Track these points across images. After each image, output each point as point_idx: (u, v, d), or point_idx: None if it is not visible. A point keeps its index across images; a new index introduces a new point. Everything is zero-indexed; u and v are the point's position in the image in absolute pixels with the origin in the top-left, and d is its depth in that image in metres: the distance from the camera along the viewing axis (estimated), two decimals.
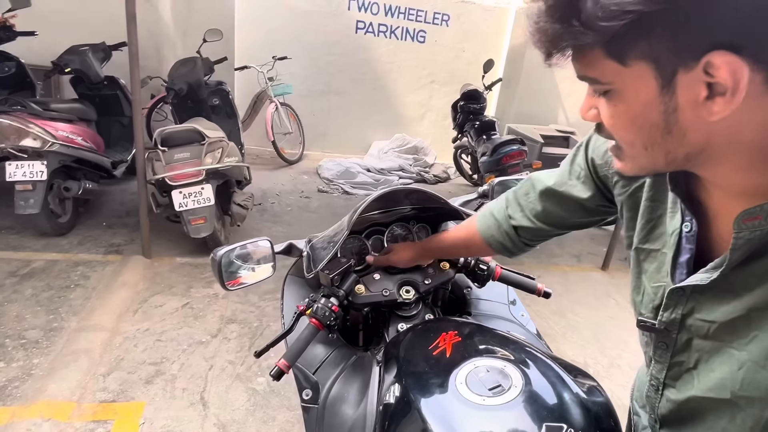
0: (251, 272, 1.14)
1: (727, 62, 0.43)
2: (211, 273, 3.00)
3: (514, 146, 3.80)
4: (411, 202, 1.29)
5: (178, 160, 2.87)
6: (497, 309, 1.29)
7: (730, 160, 0.52)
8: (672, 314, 0.66)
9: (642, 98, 0.49)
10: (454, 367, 0.84)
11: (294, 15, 5.58)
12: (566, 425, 0.73)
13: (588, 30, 0.46)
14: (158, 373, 2.16)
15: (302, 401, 1.08)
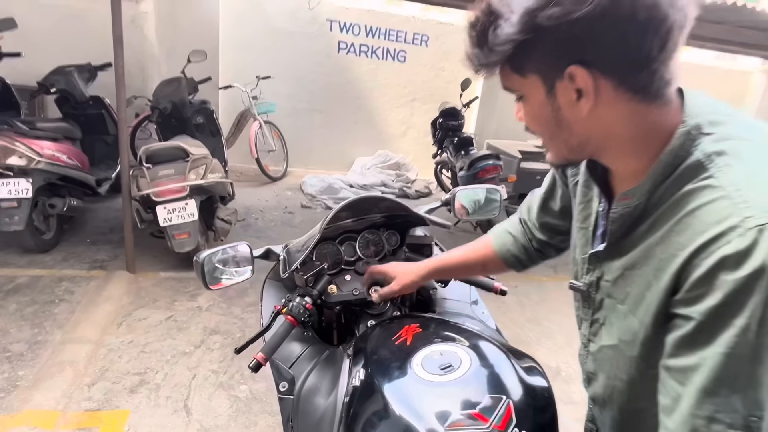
0: (232, 274, 1.24)
1: (581, 74, 0.60)
2: (194, 287, 3.09)
3: (489, 161, 3.96)
4: (380, 210, 1.41)
5: (162, 177, 2.97)
6: (460, 307, 1.40)
7: (612, 149, 0.68)
8: (591, 277, 0.80)
9: (538, 101, 0.66)
10: (413, 353, 0.96)
11: (277, 36, 5.75)
12: (505, 396, 0.85)
13: (491, 53, 0.64)
14: (142, 383, 2.23)
15: (279, 393, 1.18)
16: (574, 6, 0.56)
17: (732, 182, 0.57)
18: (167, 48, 5.20)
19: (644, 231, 0.68)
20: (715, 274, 0.56)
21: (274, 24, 5.71)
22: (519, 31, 0.59)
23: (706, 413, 0.58)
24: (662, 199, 0.65)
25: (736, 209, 0.56)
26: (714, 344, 0.57)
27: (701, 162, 0.61)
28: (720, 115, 0.64)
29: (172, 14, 5.17)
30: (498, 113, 6.60)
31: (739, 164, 0.59)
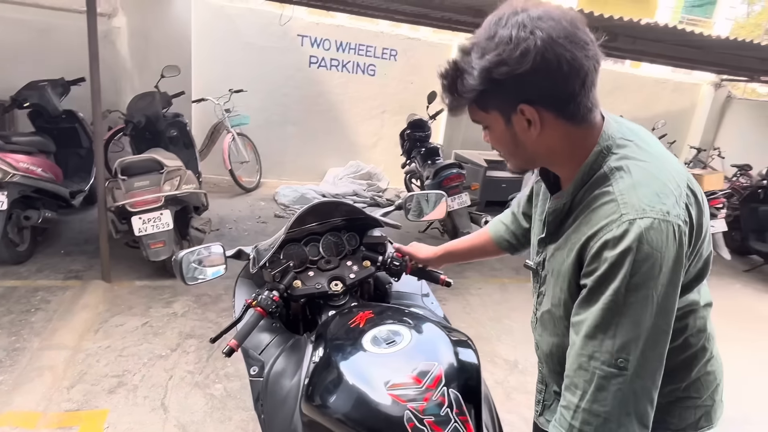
0: (207, 272, 1.39)
1: (528, 110, 0.82)
2: (169, 294, 3.20)
3: (453, 170, 4.19)
4: (341, 213, 1.59)
5: (138, 188, 3.08)
6: (413, 299, 1.59)
7: (555, 161, 0.92)
8: (539, 258, 1.05)
9: (499, 129, 0.88)
10: (364, 333, 1.14)
11: (250, 50, 5.91)
12: (437, 362, 1.03)
13: (460, 98, 0.86)
14: (120, 384, 2.33)
15: (250, 376, 1.33)
16: (517, 65, 0.78)
17: (620, 190, 0.82)
18: (140, 62, 5.29)
19: (568, 224, 0.92)
20: (601, 252, 0.80)
21: (246, 39, 5.87)
22: (479, 83, 0.81)
23: (587, 353, 0.81)
24: (581, 201, 0.89)
25: (618, 208, 0.80)
26: (596, 302, 0.80)
27: (606, 174, 0.85)
28: (625, 139, 0.88)
29: (145, 29, 5.27)
30: (464, 124, 6.87)
31: (629, 177, 0.83)
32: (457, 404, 0.97)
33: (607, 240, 0.79)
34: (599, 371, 0.79)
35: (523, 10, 0.80)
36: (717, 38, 3.71)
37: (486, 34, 0.82)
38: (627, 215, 0.78)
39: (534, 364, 3.10)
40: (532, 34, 0.77)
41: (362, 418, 0.97)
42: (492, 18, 0.83)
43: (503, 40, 0.79)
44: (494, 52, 0.79)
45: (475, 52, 0.82)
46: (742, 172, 6.03)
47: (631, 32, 3.70)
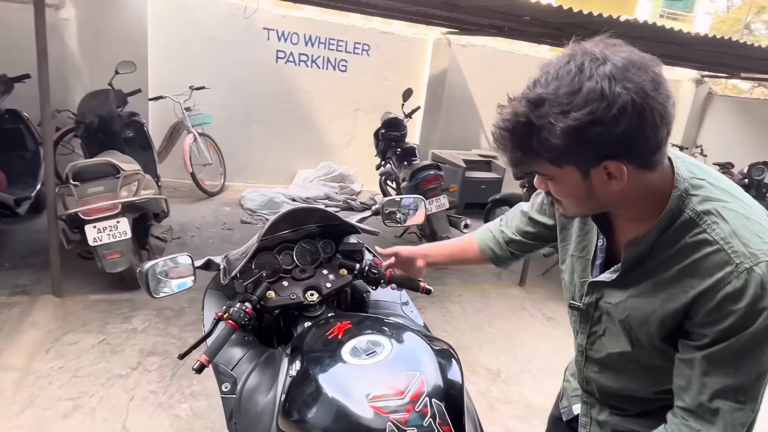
0: (174, 283, 1.40)
1: (614, 165, 0.81)
2: (127, 308, 3.16)
3: (430, 171, 4.26)
4: (315, 220, 1.62)
5: (92, 194, 3.03)
6: (392, 308, 1.62)
7: (627, 206, 0.92)
8: (590, 299, 1.07)
9: (573, 183, 0.86)
10: (343, 344, 1.17)
11: (211, 45, 5.87)
12: (419, 372, 1.07)
13: (535, 156, 0.84)
14: (77, 407, 2.30)
15: (222, 393, 1.35)
16: (613, 125, 0.76)
17: (723, 238, 0.84)
18: (90, 58, 5.20)
19: (651, 269, 0.93)
20: (723, 305, 0.82)
21: (207, 32, 5.83)
22: (564, 142, 0.78)
23: (709, 391, 0.86)
24: (664, 246, 0.91)
25: (730, 258, 0.82)
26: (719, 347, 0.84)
27: (693, 219, 0.87)
28: (697, 178, 0.90)
29: (96, 22, 5.18)
30: (442, 123, 6.99)
31: (724, 223, 0.85)
32: (441, 415, 1.01)
33: (728, 293, 0.82)
34: (724, 407, 0.86)
35: (605, 58, 0.77)
36: (697, 35, 3.88)
37: (568, 88, 0.77)
38: (742, 264, 0.81)
39: (516, 372, 3.17)
40: (626, 89, 0.75)
41: (343, 431, 1.01)
42: (567, 66, 0.79)
43: (593, 96, 0.75)
44: (585, 110, 0.75)
45: (554, 106, 0.77)
46: (725, 170, 6.29)
47: (611, 29, 3.83)
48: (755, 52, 4.41)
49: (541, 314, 3.86)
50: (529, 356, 3.25)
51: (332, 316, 1.44)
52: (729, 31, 19.08)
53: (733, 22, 21.00)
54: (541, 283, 4.50)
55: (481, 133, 7.39)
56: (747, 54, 4.60)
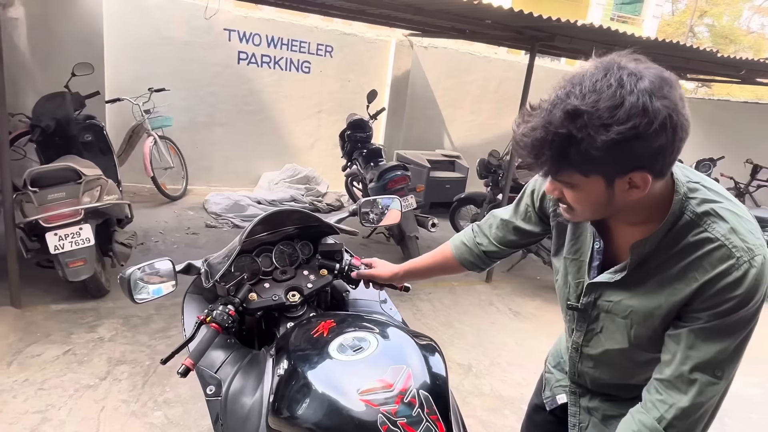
0: (156, 288, 1.40)
1: (641, 177, 0.85)
2: (92, 317, 3.09)
3: (398, 172, 4.32)
4: (293, 222, 1.65)
5: (52, 201, 2.94)
6: (371, 306, 1.67)
7: (634, 212, 0.98)
8: (589, 299, 1.13)
9: (596, 191, 0.90)
10: (330, 342, 1.20)
11: (170, 45, 5.75)
12: (406, 366, 1.12)
13: (569, 166, 0.86)
14: (44, 420, 2.24)
15: (206, 396, 1.36)
16: (654, 140, 0.80)
17: (723, 235, 0.92)
18: (42, 59, 5.02)
19: (654, 268, 1.00)
20: (724, 293, 0.91)
21: (166, 33, 5.72)
22: (605, 155, 0.80)
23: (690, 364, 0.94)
24: (667, 246, 0.97)
25: (731, 252, 0.90)
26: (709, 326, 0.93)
27: (693, 220, 0.94)
28: (692, 182, 0.97)
29: (48, 21, 5.00)
30: (405, 124, 7.07)
31: (722, 222, 0.93)
32: (428, 405, 1.07)
33: (729, 282, 0.90)
34: (701, 379, 0.94)
35: (641, 74, 0.80)
36: (646, 39, 4.09)
37: (609, 102, 0.79)
38: (742, 257, 0.89)
39: (487, 366, 3.26)
40: (664, 105, 0.79)
41: (335, 425, 1.04)
42: (605, 79, 0.80)
43: (636, 111, 0.78)
44: (628, 125, 0.78)
45: (594, 119, 0.79)
46: None
47: (567, 32, 4.00)
48: (700, 55, 4.68)
49: (508, 309, 3.98)
50: (498, 350, 3.35)
51: (314, 316, 1.47)
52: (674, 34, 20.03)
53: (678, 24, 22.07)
54: (507, 279, 4.64)
55: (444, 134, 7.52)
56: (692, 57, 4.87)
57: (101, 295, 3.35)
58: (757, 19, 25.35)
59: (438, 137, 7.50)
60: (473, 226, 1.45)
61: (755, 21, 25.52)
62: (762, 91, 15.19)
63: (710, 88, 14.52)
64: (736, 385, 3.09)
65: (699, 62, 5.26)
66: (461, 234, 1.48)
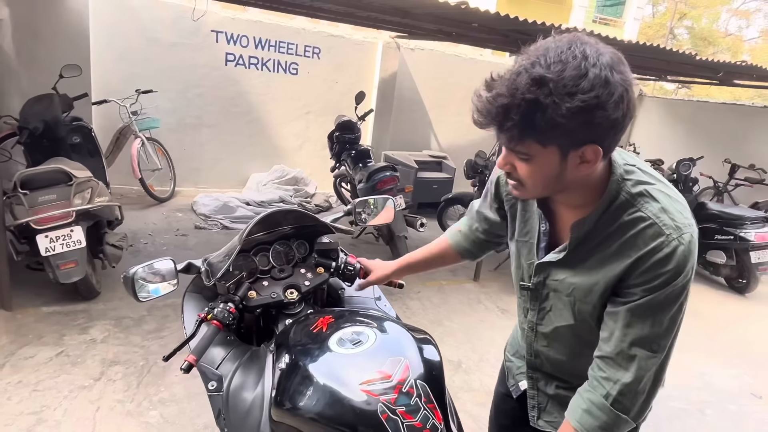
0: (158, 287, 1.43)
1: (593, 149, 0.90)
2: (84, 319, 3.10)
3: (387, 172, 4.38)
4: (289, 222, 1.69)
5: (43, 203, 2.94)
6: (366, 303, 1.72)
7: (576, 192, 1.03)
8: (539, 278, 1.19)
9: (550, 164, 0.93)
10: (329, 336, 1.25)
11: (157, 47, 5.74)
12: (403, 357, 1.17)
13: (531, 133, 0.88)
14: (40, 421, 2.25)
15: (208, 391, 1.39)
16: (613, 111, 0.84)
17: (654, 214, 0.98)
18: (27, 61, 4.98)
19: (593, 247, 1.05)
20: (655, 268, 0.97)
21: (153, 34, 5.70)
22: (569, 122, 0.83)
23: (629, 340, 1.01)
24: (604, 225, 1.03)
25: (661, 230, 0.96)
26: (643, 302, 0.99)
27: (629, 200, 1.00)
28: (628, 164, 1.03)
29: (33, 23, 4.97)
30: (393, 125, 7.13)
31: (655, 202, 0.99)
32: (425, 394, 1.12)
33: (659, 258, 0.96)
34: (640, 354, 1.01)
35: (601, 52, 0.85)
36: (628, 42, 4.20)
37: (575, 71, 0.82)
38: (671, 235, 0.95)
39: (476, 362, 3.32)
40: (621, 80, 0.84)
41: (338, 414, 1.09)
42: (569, 51, 0.84)
43: (599, 82, 0.82)
44: (591, 93, 0.82)
45: (560, 87, 0.82)
46: (655, 166, 6.78)
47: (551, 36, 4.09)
48: (680, 58, 4.82)
49: (495, 307, 4.06)
50: (487, 346, 3.42)
51: (312, 312, 1.52)
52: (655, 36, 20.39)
53: (658, 27, 22.47)
54: (494, 277, 4.72)
55: (431, 135, 7.60)
56: (673, 59, 5.01)
57: (92, 297, 3.35)
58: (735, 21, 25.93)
59: (425, 138, 7.58)
60: (464, 218, 1.52)
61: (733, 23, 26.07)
62: (740, 92, 15.55)
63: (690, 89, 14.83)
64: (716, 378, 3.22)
65: (679, 64, 5.40)
66: (455, 225, 1.53)
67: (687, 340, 3.99)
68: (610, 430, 1.03)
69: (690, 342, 3.99)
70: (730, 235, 5.09)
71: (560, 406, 1.30)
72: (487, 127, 0.92)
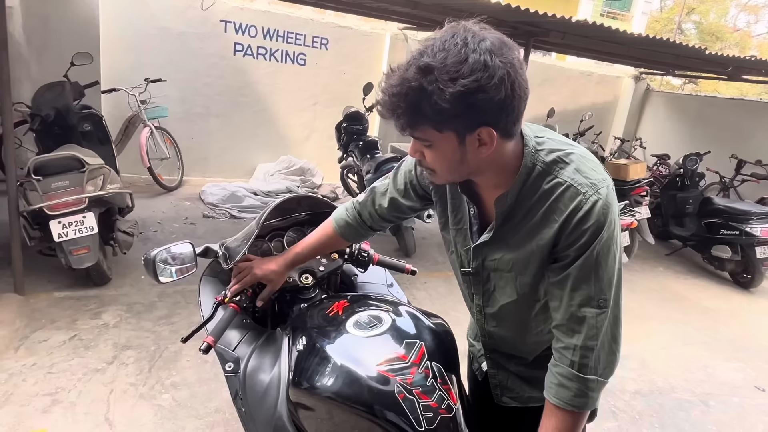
0: (178, 269, 1.46)
1: (488, 131, 0.93)
2: (96, 304, 3.14)
3: (394, 164, 4.37)
4: (304, 208, 1.72)
5: (56, 189, 2.97)
6: (378, 289, 1.74)
7: (491, 172, 1.06)
8: (477, 262, 1.21)
9: (449, 148, 0.97)
10: (346, 319, 1.28)
11: (166, 36, 5.75)
12: (419, 340, 1.20)
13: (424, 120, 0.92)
14: (55, 402, 2.29)
15: (225, 372, 1.42)
16: (495, 93, 0.87)
17: (570, 177, 1.02)
18: (38, 48, 5.00)
19: (519, 220, 1.08)
20: (578, 227, 1.00)
21: (162, 23, 5.71)
22: (453, 106, 0.87)
23: (576, 302, 1.04)
24: (526, 197, 1.06)
25: (578, 190, 1.00)
26: (579, 263, 1.02)
27: (545, 169, 1.04)
28: (538, 136, 1.06)
29: (43, 10, 4.98)
30: None
31: (568, 166, 1.03)
32: (440, 375, 1.15)
33: (581, 216, 1.00)
34: (588, 314, 1.03)
35: (483, 36, 0.89)
36: (638, 36, 4.19)
37: (455, 58, 0.86)
38: (587, 193, 1.00)
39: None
40: (502, 63, 0.87)
41: (355, 394, 1.11)
42: (452, 39, 0.88)
43: (478, 66, 0.86)
44: (471, 78, 0.85)
45: (443, 74, 0.86)
46: (662, 161, 6.77)
47: (561, 28, 4.09)
48: (689, 52, 4.80)
49: None
50: None
51: (327, 297, 1.55)
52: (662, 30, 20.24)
53: (666, 21, 22.29)
54: None
55: None
56: (682, 53, 4.99)
57: (104, 282, 3.39)
58: (743, 16, 25.69)
59: None
60: (353, 202, 1.47)
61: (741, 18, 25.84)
62: (747, 88, 15.45)
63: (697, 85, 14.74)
64: (720, 370, 3.25)
65: (687, 59, 5.38)
66: (341, 211, 1.48)
67: (691, 333, 4.03)
68: (585, 394, 1.05)
69: (694, 335, 4.02)
70: (735, 230, 5.09)
71: (521, 382, 1.33)
72: (388, 118, 0.96)
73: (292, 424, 1.24)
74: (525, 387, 1.34)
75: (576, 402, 1.05)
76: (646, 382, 3.20)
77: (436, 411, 1.09)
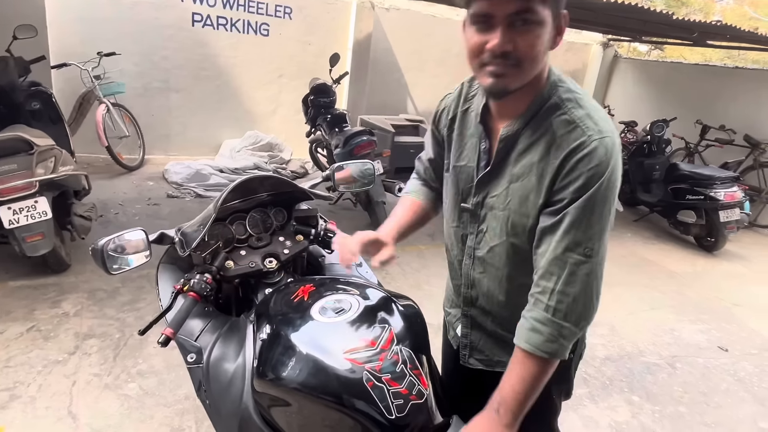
0: (130, 259, 1.37)
1: (564, 16, 1.00)
2: (55, 293, 3.01)
3: (363, 137, 4.30)
4: (266, 188, 1.63)
5: (3, 173, 2.79)
6: (346, 270, 1.69)
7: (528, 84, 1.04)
8: (478, 198, 1.19)
9: (546, 30, 0.98)
10: (311, 305, 1.22)
11: (118, 6, 5.44)
12: (388, 325, 1.16)
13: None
14: (13, 398, 2.19)
15: (187, 363, 1.36)
16: None
17: (580, 118, 1.02)
18: None
19: (521, 151, 1.08)
20: (577, 167, 1.00)
21: None
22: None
23: (562, 246, 1.03)
24: (533, 129, 1.06)
25: (584, 132, 1.01)
26: (573, 206, 1.01)
27: (558, 104, 1.05)
28: (561, 77, 1.08)
29: None
30: (368, 88, 6.99)
31: (581, 108, 1.04)
32: (410, 360, 1.11)
33: (580, 157, 1.00)
34: (571, 259, 1.02)
35: None
36: (606, 1, 4.15)
37: None
38: (592, 137, 1.00)
39: None
40: None
41: (321, 384, 1.07)
42: None
43: None
44: None
45: None
46: (629, 128, 6.84)
47: None
48: (657, 17, 4.79)
49: None
50: None
51: (292, 281, 1.49)
52: None
53: None
54: None
55: (407, 98, 7.48)
56: (649, 19, 4.98)
57: (63, 269, 3.25)
58: None
59: (401, 102, 7.46)
60: (413, 176, 1.53)
61: None
62: (711, 53, 15.69)
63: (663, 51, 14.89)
64: (685, 333, 3.32)
65: (655, 24, 5.37)
66: (408, 185, 1.53)
67: (658, 297, 4.13)
68: (556, 340, 1.04)
69: (661, 299, 4.12)
70: (700, 195, 5.20)
71: (493, 344, 1.32)
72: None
73: (259, 415, 1.20)
74: (495, 350, 1.32)
75: (547, 347, 1.04)
76: (616, 348, 3.27)
77: (406, 397, 1.05)
